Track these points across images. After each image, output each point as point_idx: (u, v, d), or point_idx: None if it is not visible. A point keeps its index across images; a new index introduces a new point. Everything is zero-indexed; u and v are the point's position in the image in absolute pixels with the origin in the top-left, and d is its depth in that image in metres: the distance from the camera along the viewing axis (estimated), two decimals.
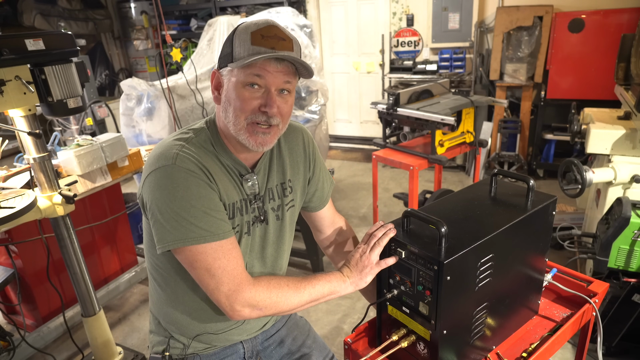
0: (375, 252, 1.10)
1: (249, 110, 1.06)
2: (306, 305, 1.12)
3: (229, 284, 1.04)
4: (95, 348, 2.22)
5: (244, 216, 1.16)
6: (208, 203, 1.04)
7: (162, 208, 1.02)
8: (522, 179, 1.23)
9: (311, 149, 1.34)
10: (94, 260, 2.98)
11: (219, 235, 1.04)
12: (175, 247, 1.03)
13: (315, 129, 3.99)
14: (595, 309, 1.29)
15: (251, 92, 1.05)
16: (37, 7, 5.31)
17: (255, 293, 1.06)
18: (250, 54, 1.01)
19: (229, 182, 1.13)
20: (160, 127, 3.55)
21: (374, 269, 1.11)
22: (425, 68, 5.05)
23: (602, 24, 4.07)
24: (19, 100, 1.69)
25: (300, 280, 1.12)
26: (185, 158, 1.04)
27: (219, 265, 1.04)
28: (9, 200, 1.84)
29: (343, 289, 1.14)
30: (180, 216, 1.02)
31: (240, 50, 1.03)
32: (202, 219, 1.03)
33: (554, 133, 4.49)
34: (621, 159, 2.55)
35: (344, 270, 1.16)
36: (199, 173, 1.04)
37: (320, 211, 1.40)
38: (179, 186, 1.02)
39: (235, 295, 1.04)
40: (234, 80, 1.05)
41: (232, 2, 5.73)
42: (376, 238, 1.11)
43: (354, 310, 2.83)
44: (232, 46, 1.04)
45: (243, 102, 1.05)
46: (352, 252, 1.17)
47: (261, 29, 1.03)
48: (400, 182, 4.91)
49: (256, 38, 1.02)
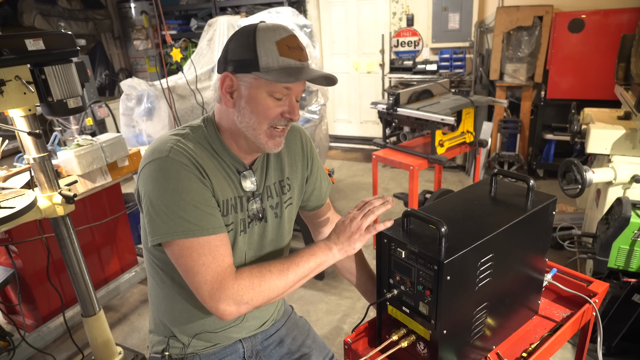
0: (368, 219, 1.08)
1: (273, 117, 1.09)
2: (295, 285, 1.10)
3: (211, 283, 1.02)
4: (95, 348, 2.22)
5: (238, 214, 1.16)
6: (199, 197, 1.04)
7: (153, 200, 1.03)
8: (522, 179, 1.23)
9: (309, 147, 1.35)
10: (94, 260, 2.98)
11: (207, 230, 1.04)
12: (164, 240, 1.03)
13: (315, 129, 3.99)
14: (595, 309, 1.29)
15: (275, 101, 1.08)
16: (37, 7, 5.30)
17: (238, 288, 1.03)
18: (280, 67, 1.03)
19: (223, 179, 1.13)
20: (160, 127, 3.55)
21: (364, 235, 1.09)
22: (425, 68, 5.05)
23: (602, 24, 4.07)
24: (19, 100, 1.69)
25: (282, 262, 1.09)
26: (179, 151, 1.05)
27: (203, 261, 1.03)
28: (9, 200, 1.84)
29: (330, 258, 1.12)
30: (170, 209, 1.02)
31: (268, 60, 1.03)
32: (192, 212, 1.03)
33: (554, 133, 4.49)
34: (621, 159, 2.55)
35: (330, 237, 1.13)
36: (191, 167, 1.05)
37: (318, 210, 1.41)
38: (170, 179, 1.02)
39: (218, 294, 1.02)
40: (258, 88, 1.06)
41: (232, 2, 5.73)
42: (372, 206, 1.09)
43: (354, 310, 2.83)
44: (255, 53, 1.03)
45: (268, 110, 1.08)
46: (342, 217, 1.15)
47: (285, 39, 1.04)
48: (400, 182, 4.91)
49: (283, 49, 1.04)
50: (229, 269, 1.06)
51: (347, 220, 1.12)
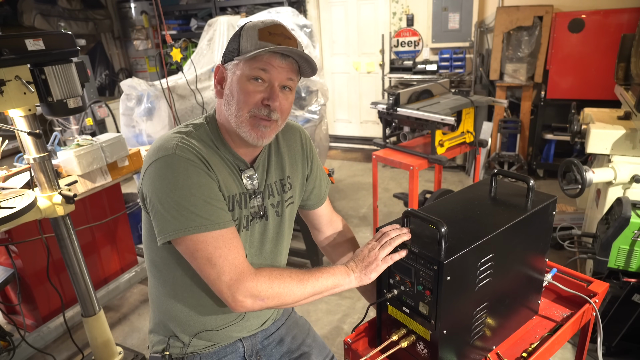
0: (385, 250, 1.09)
1: (252, 104, 1.08)
2: (310, 298, 1.11)
3: (230, 274, 1.03)
4: (95, 348, 2.22)
5: (242, 210, 1.16)
6: (208, 192, 1.05)
7: (162, 198, 1.03)
8: (522, 179, 1.23)
9: (308, 146, 1.35)
10: (94, 260, 2.98)
11: (219, 224, 1.05)
12: (176, 237, 1.03)
13: (315, 129, 3.99)
14: (595, 309, 1.29)
15: (255, 85, 1.08)
16: (37, 7, 5.30)
17: (257, 283, 1.05)
18: (257, 49, 1.04)
19: (228, 175, 1.14)
20: (160, 127, 3.55)
21: (380, 265, 1.10)
22: (425, 68, 5.05)
23: (602, 24, 4.07)
24: (19, 100, 1.69)
25: (303, 272, 1.11)
26: (185, 148, 1.06)
27: (219, 254, 1.04)
28: (9, 200, 1.84)
29: (347, 283, 1.13)
30: (181, 205, 1.02)
31: (247, 45, 1.05)
32: (203, 207, 1.03)
33: (554, 133, 4.49)
34: (621, 159, 2.55)
35: (349, 264, 1.15)
36: (198, 162, 1.06)
37: (317, 209, 1.41)
38: (179, 175, 1.03)
39: (237, 285, 1.03)
40: (238, 74, 1.08)
41: (232, 2, 5.73)
42: (389, 237, 1.09)
43: (354, 310, 2.83)
44: (239, 41, 1.07)
45: (247, 95, 1.07)
46: (362, 247, 1.16)
47: (268, 26, 1.06)
48: (400, 182, 4.91)
49: (263, 34, 1.05)
50: (246, 262, 1.07)
51: (366, 250, 1.13)
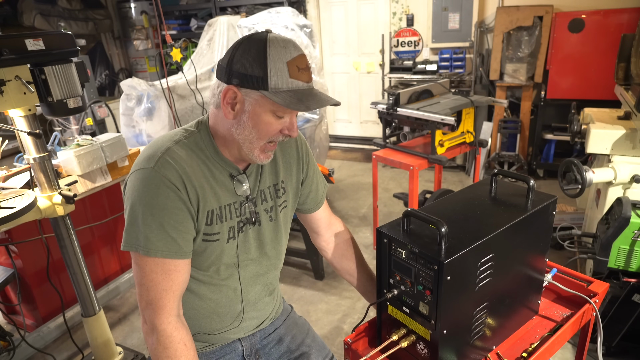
0: None
1: (272, 134, 1.10)
2: None
3: (153, 302, 1.06)
4: (95, 348, 2.22)
5: (225, 223, 1.15)
6: (169, 217, 1.04)
7: (128, 208, 1.06)
8: (522, 179, 1.23)
9: (304, 150, 1.34)
10: (94, 260, 2.98)
11: (162, 252, 1.05)
12: (125, 249, 1.07)
13: (315, 129, 3.99)
14: (595, 309, 1.29)
15: (278, 119, 1.08)
16: (37, 7, 5.30)
17: (165, 327, 1.06)
18: (290, 89, 1.02)
19: (210, 189, 1.12)
20: (160, 127, 3.55)
21: None
22: (425, 68, 5.05)
23: (602, 24, 4.07)
24: (19, 100, 1.69)
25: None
26: (167, 163, 1.05)
27: (152, 278, 1.06)
28: (9, 200, 1.84)
29: None
30: (137, 222, 1.04)
31: (277, 81, 1.01)
32: (155, 231, 1.04)
33: (554, 133, 4.50)
34: (621, 159, 2.55)
35: None
36: (174, 181, 1.05)
37: (315, 213, 1.41)
38: (149, 192, 1.04)
39: (150, 315, 1.06)
40: (263, 106, 1.05)
41: (232, 2, 5.73)
42: None
43: (354, 310, 2.83)
44: (265, 71, 1.00)
45: (269, 127, 1.08)
46: None
47: (295, 59, 1.02)
48: (400, 182, 4.91)
49: (293, 70, 1.02)
50: (174, 302, 1.08)
51: None
